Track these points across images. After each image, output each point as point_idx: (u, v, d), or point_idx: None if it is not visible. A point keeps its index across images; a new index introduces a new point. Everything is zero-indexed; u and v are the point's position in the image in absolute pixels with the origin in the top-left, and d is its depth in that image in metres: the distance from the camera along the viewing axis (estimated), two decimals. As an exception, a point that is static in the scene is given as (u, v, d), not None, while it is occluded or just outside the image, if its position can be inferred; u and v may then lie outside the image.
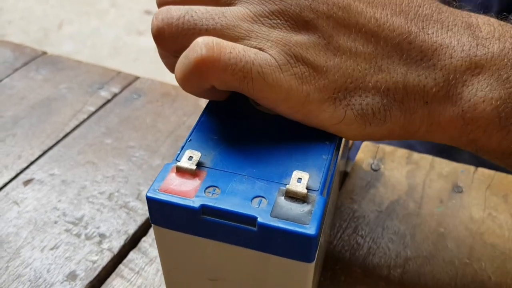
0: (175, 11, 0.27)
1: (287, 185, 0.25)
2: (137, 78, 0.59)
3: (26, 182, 0.45)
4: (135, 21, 2.35)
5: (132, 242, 0.40)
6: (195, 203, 0.25)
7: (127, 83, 0.58)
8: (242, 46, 0.26)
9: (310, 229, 0.24)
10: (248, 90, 0.26)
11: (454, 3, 0.31)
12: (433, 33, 0.28)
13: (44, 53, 0.63)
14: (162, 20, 0.27)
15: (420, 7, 0.29)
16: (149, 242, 0.40)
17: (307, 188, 0.25)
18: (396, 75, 0.28)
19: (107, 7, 2.49)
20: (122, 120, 0.53)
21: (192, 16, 0.27)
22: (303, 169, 0.26)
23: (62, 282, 0.37)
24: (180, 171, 0.26)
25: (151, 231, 0.41)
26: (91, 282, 0.37)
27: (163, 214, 0.26)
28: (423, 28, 0.28)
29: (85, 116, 0.53)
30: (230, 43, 0.26)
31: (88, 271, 0.38)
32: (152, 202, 0.26)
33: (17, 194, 0.44)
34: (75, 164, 0.47)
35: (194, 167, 0.26)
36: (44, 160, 0.48)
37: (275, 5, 0.27)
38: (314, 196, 0.25)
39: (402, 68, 0.28)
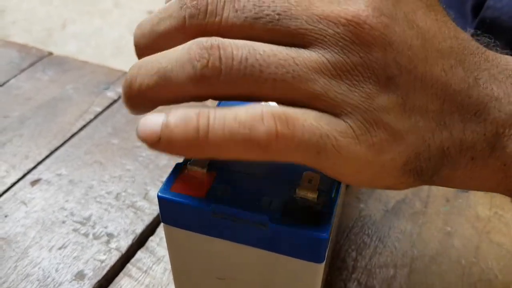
0: (236, 50, 0.22)
1: (297, 186, 0.25)
2: (142, 78, 0.59)
3: (34, 182, 0.46)
4: (138, 21, 2.35)
5: (140, 242, 0.41)
6: (206, 203, 0.25)
7: (133, 83, 0.58)
8: (314, 114, 0.22)
9: (321, 231, 0.24)
10: (318, 164, 0.23)
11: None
12: (483, 83, 0.26)
13: (50, 53, 0.64)
14: (220, 59, 0.22)
15: (472, 54, 0.26)
16: (156, 241, 0.40)
17: (317, 190, 0.25)
18: (456, 133, 0.25)
19: (110, 7, 2.50)
20: (129, 120, 0.53)
21: (257, 60, 0.22)
22: (313, 170, 0.27)
23: (70, 282, 0.37)
24: (191, 171, 0.27)
25: (159, 231, 0.41)
26: (99, 281, 0.38)
27: (174, 214, 0.26)
28: (475, 78, 0.25)
29: (92, 116, 0.53)
30: (300, 113, 0.22)
31: (96, 270, 0.38)
32: (163, 202, 0.26)
33: (25, 194, 0.45)
34: (82, 164, 0.48)
35: (204, 167, 0.26)
36: (51, 160, 0.48)
37: (359, 57, 0.23)
38: (325, 197, 0.25)
39: (460, 125, 0.25)
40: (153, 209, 0.43)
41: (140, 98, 0.25)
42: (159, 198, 0.26)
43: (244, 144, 0.21)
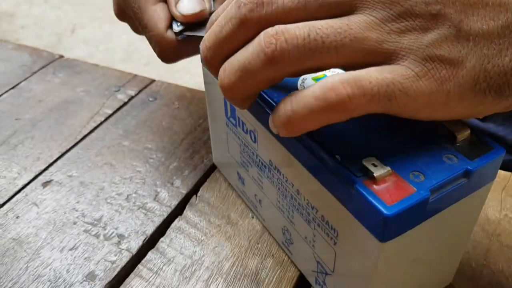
0: (297, 30, 0.26)
1: (454, 131, 0.29)
2: (153, 81, 0.60)
3: (45, 184, 0.46)
4: (147, 26, 2.36)
5: (150, 243, 0.41)
6: (424, 192, 0.26)
7: (143, 86, 0.59)
8: (376, 69, 0.26)
9: (499, 149, 0.29)
10: (392, 109, 0.26)
11: None
12: None
13: (61, 56, 0.64)
14: (286, 41, 0.25)
15: None
16: (166, 242, 0.41)
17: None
18: None
19: (119, 12, 2.51)
20: (139, 123, 0.53)
21: (317, 34, 0.25)
22: None
23: (81, 282, 0.38)
24: (381, 179, 0.27)
25: (169, 232, 0.41)
26: (110, 282, 0.38)
27: (401, 224, 0.26)
28: None
29: (102, 119, 0.54)
30: (364, 72, 0.25)
31: (107, 271, 0.38)
32: (394, 219, 0.25)
33: (36, 196, 0.45)
34: (93, 166, 0.48)
35: (388, 168, 0.27)
36: (62, 162, 0.48)
37: (401, 6, 0.26)
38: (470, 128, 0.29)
39: None
40: (163, 211, 0.43)
41: (233, 92, 0.28)
42: (389, 217, 0.25)
43: (325, 113, 0.25)
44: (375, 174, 0.26)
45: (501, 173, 0.46)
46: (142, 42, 2.30)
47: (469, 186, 0.28)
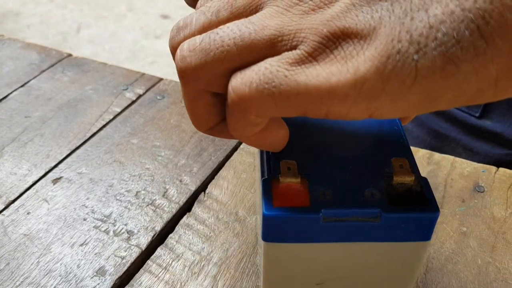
0: (198, 38, 0.24)
1: (393, 173, 0.26)
2: (160, 79, 0.60)
3: (55, 180, 0.47)
4: (152, 25, 2.37)
5: (159, 239, 0.41)
6: (315, 211, 0.25)
7: (151, 85, 0.59)
8: (263, 63, 0.22)
9: (432, 209, 0.25)
10: (290, 107, 0.22)
11: None
12: None
13: (70, 55, 0.65)
14: (187, 49, 0.24)
15: None
16: (175, 238, 0.41)
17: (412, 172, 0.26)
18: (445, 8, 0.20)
19: (124, 11, 2.52)
20: (147, 121, 0.54)
21: (217, 33, 0.24)
22: (394, 155, 0.27)
23: (92, 277, 0.38)
24: (284, 183, 0.26)
25: (178, 228, 0.42)
26: (120, 277, 0.38)
27: (282, 229, 0.26)
28: None
29: (111, 117, 0.54)
30: (250, 70, 0.23)
31: (117, 266, 0.39)
32: (271, 220, 0.25)
33: (47, 192, 0.46)
34: (102, 163, 0.48)
35: (298, 176, 0.26)
36: (72, 159, 0.49)
37: None
38: (417, 177, 0.26)
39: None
40: (172, 207, 0.44)
41: (198, 127, 0.28)
42: (267, 217, 0.25)
43: (232, 115, 0.24)
44: (280, 176, 0.26)
45: (507, 171, 0.47)
46: (147, 41, 2.31)
47: (382, 231, 0.26)
